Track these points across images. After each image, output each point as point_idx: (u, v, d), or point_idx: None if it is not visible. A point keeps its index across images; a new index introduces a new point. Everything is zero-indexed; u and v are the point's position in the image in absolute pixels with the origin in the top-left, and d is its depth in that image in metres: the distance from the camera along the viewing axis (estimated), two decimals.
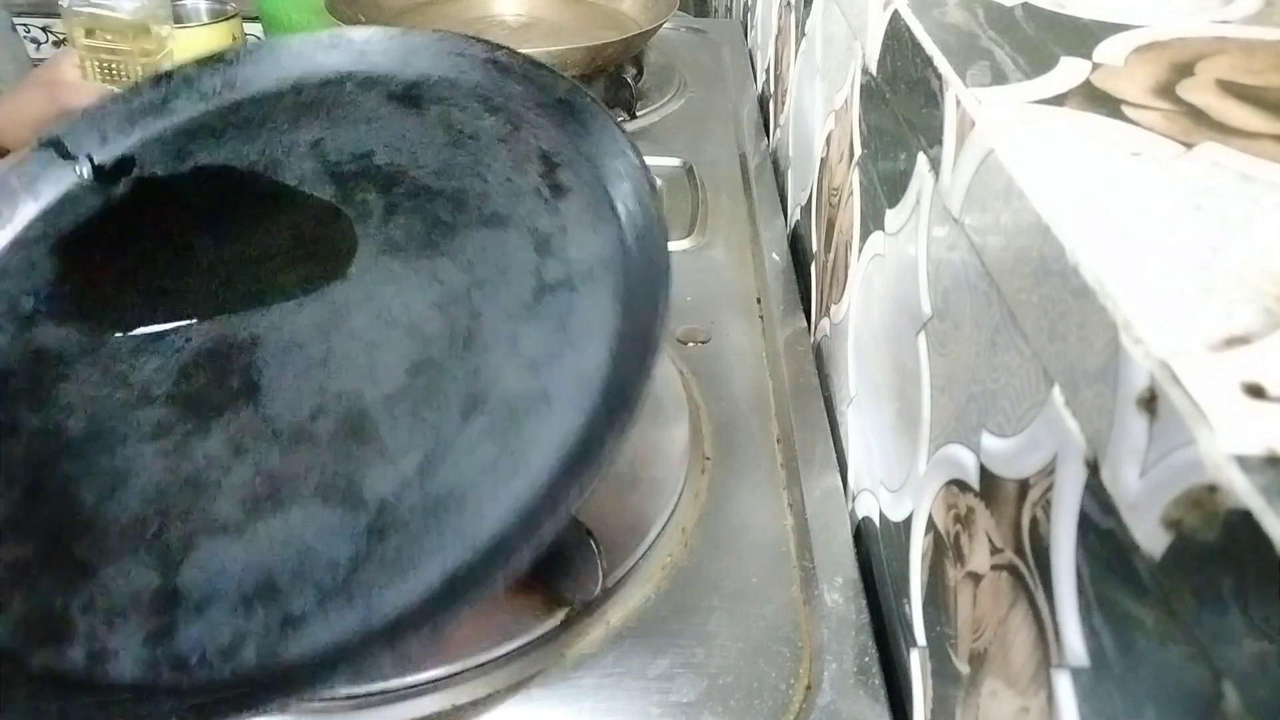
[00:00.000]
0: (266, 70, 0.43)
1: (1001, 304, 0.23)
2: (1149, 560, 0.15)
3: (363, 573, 0.29)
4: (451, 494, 0.30)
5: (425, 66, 0.43)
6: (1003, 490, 0.23)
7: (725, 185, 0.64)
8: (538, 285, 0.36)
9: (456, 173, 0.40)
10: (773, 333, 0.49)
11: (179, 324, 0.38)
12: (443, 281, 0.37)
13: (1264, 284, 0.16)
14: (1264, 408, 0.14)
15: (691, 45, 0.90)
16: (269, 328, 0.38)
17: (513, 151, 0.40)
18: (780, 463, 0.41)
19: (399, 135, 0.42)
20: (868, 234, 0.39)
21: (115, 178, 0.40)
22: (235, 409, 0.35)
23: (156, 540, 0.31)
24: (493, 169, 0.40)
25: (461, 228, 0.39)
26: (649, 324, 0.31)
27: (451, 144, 0.41)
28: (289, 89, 0.43)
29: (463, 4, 0.85)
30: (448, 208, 0.39)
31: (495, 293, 0.36)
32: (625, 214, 0.36)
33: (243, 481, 0.33)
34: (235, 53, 0.43)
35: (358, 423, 0.34)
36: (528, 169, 0.39)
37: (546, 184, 0.38)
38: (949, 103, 0.25)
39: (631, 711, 0.31)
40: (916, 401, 0.31)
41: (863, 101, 0.41)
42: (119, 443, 0.34)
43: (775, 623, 0.34)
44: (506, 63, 0.42)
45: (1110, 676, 0.18)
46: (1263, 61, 0.25)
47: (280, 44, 0.44)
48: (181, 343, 0.37)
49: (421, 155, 0.41)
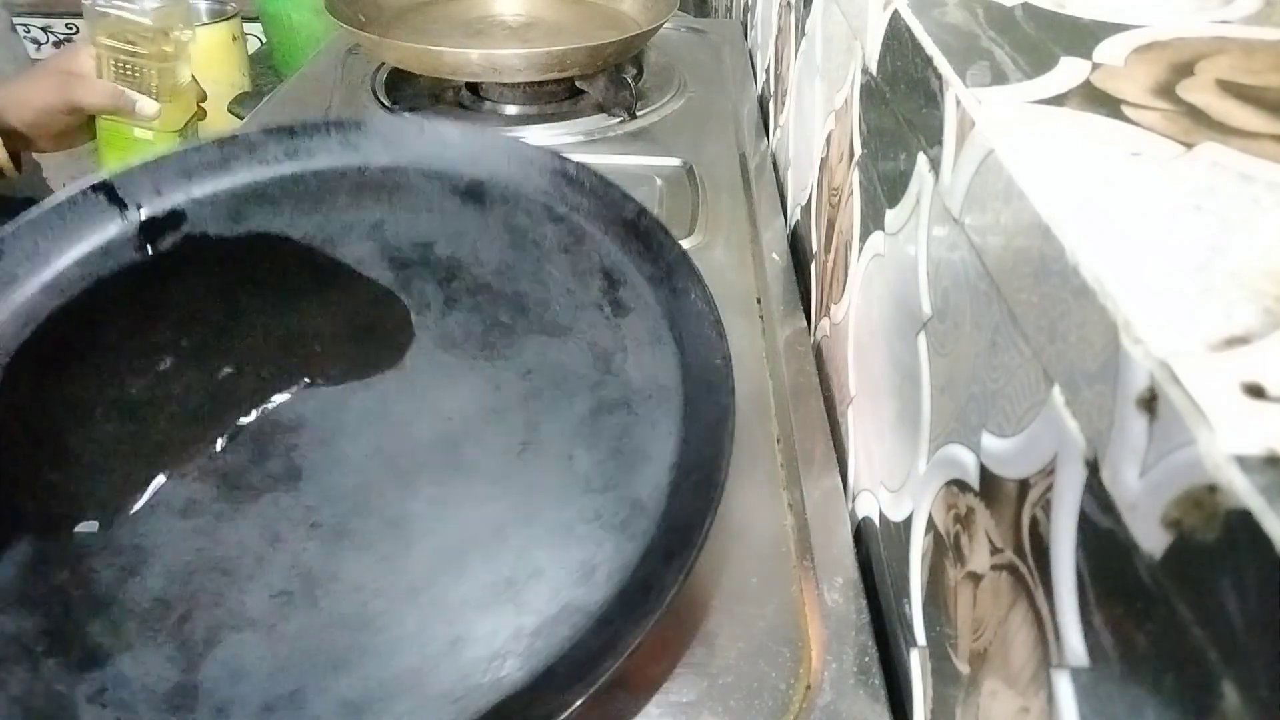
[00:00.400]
0: (332, 146, 0.42)
1: (1001, 304, 0.23)
2: (1149, 560, 0.15)
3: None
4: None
5: (492, 167, 0.41)
6: (1003, 490, 0.23)
7: (725, 185, 0.64)
8: (595, 404, 0.35)
9: (518, 275, 0.39)
10: (773, 333, 0.49)
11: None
12: (499, 387, 0.36)
13: (1264, 284, 0.16)
14: (1264, 408, 0.14)
15: (691, 45, 0.90)
16: (315, 411, 0.36)
17: (575, 263, 0.39)
18: (780, 463, 0.41)
19: (461, 230, 0.41)
20: (868, 234, 0.39)
21: (164, 231, 0.38)
22: (274, 494, 0.33)
23: (180, 629, 0.29)
24: (554, 277, 0.39)
25: (520, 332, 0.38)
26: (712, 458, 0.29)
27: (513, 246, 0.40)
28: (353, 168, 0.41)
29: (463, 4, 0.85)
30: (507, 310, 0.38)
31: (553, 405, 0.35)
32: (689, 343, 0.34)
33: (276, 574, 0.31)
34: (302, 124, 0.42)
35: (401, 527, 0.32)
36: (590, 282, 0.38)
37: (608, 300, 0.37)
38: (949, 103, 0.25)
39: (631, 711, 0.30)
40: (916, 401, 0.31)
41: (863, 101, 0.41)
42: (144, 514, 0.32)
43: (775, 623, 0.34)
44: (575, 175, 0.40)
45: (1110, 676, 0.18)
46: (1263, 61, 0.25)
47: (349, 123, 0.42)
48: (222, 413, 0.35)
49: (483, 253, 0.40)
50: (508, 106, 0.75)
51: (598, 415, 0.35)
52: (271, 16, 1.11)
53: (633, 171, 0.66)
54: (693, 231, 0.58)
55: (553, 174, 0.40)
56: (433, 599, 0.31)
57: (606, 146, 0.70)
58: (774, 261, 0.55)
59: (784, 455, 0.41)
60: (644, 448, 0.32)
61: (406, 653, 0.29)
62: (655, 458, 0.32)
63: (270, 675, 0.28)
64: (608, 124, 0.73)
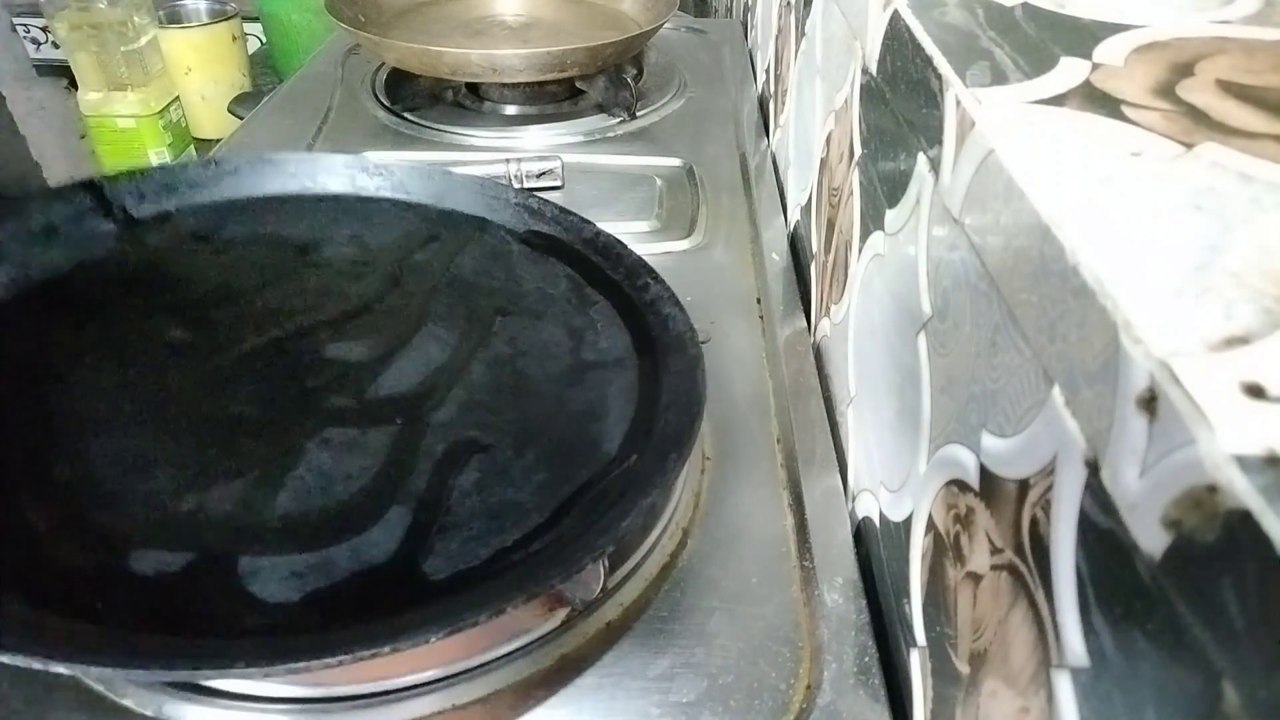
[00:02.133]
0: (307, 176, 0.48)
1: (1001, 304, 0.23)
2: (1149, 560, 0.15)
3: (421, 556, 0.31)
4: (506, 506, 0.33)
5: (459, 203, 0.49)
6: (1003, 490, 0.23)
7: (725, 185, 0.64)
8: (575, 363, 0.40)
9: (494, 275, 0.45)
10: (773, 333, 0.49)
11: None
12: (489, 347, 0.41)
13: (1264, 284, 0.16)
14: (1264, 408, 0.14)
15: (691, 45, 0.90)
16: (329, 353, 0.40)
17: (543, 270, 0.45)
18: (780, 463, 0.41)
19: (435, 244, 0.47)
20: (868, 234, 0.39)
21: (149, 229, 0.44)
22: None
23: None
24: (526, 279, 0.45)
25: (501, 314, 0.43)
26: (690, 389, 0.35)
27: (487, 256, 0.46)
28: (329, 196, 0.48)
29: (463, 4, 0.85)
30: (489, 300, 0.43)
31: (540, 363, 0.40)
32: (654, 318, 0.41)
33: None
34: (286, 158, 0.48)
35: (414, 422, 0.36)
36: (558, 283, 0.44)
37: (575, 296, 0.44)
38: (949, 103, 0.25)
39: (631, 711, 0.31)
40: (916, 401, 0.31)
41: (863, 101, 0.41)
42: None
43: (775, 623, 0.34)
44: (537, 207, 0.48)
45: (1110, 676, 0.18)
46: (1263, 61, 0.25)
47: (324, 158, 0.49)
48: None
49: (458, 261, 0.46)
50: (507, 106, 0.75)
51: (580, 371, 0.40)
52: (271, 16, 1.11)
53: (633, 171, 0.66)
54: (692, 232, 0.58)
55: (515, 206, 0.48)
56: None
57: (606, 146, 0.70)
58: (774, 261, 0.55)
59: (784, 455, 0.41)
60: (628, 390, 0.38)
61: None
62: (644, 396, 0.38)
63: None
64: (608, 124, 0.73)
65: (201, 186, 0.46)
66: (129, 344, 0.39)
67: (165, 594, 0.29)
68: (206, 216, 0.46)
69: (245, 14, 1.09)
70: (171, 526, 0.31)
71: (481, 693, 0.31)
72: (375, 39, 0.70)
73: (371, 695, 0.30)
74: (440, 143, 0.70)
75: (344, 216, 0.47)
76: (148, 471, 0.33)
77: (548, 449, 0.35)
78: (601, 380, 0.39)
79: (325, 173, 0.49)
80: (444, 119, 0.72)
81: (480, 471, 0.34)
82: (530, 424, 0.36)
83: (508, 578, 0.30)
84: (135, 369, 0.37)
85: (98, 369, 0.37)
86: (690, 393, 0.35)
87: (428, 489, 0.33)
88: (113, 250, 0.43)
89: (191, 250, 0.44)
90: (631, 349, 0.41)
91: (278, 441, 0.35)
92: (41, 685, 0.30)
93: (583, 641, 0.33)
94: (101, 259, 0.42)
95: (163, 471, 0.33)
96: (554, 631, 0.32)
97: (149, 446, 0.34)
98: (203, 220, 0.46)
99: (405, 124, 0.72)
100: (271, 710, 0.30)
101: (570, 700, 0.31)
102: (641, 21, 0.81)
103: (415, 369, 0.39)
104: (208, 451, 0.34)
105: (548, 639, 0.32)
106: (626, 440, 0.36)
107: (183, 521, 0.31)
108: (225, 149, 0.69)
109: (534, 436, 0.36)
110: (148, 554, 0.30)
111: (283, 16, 1.10)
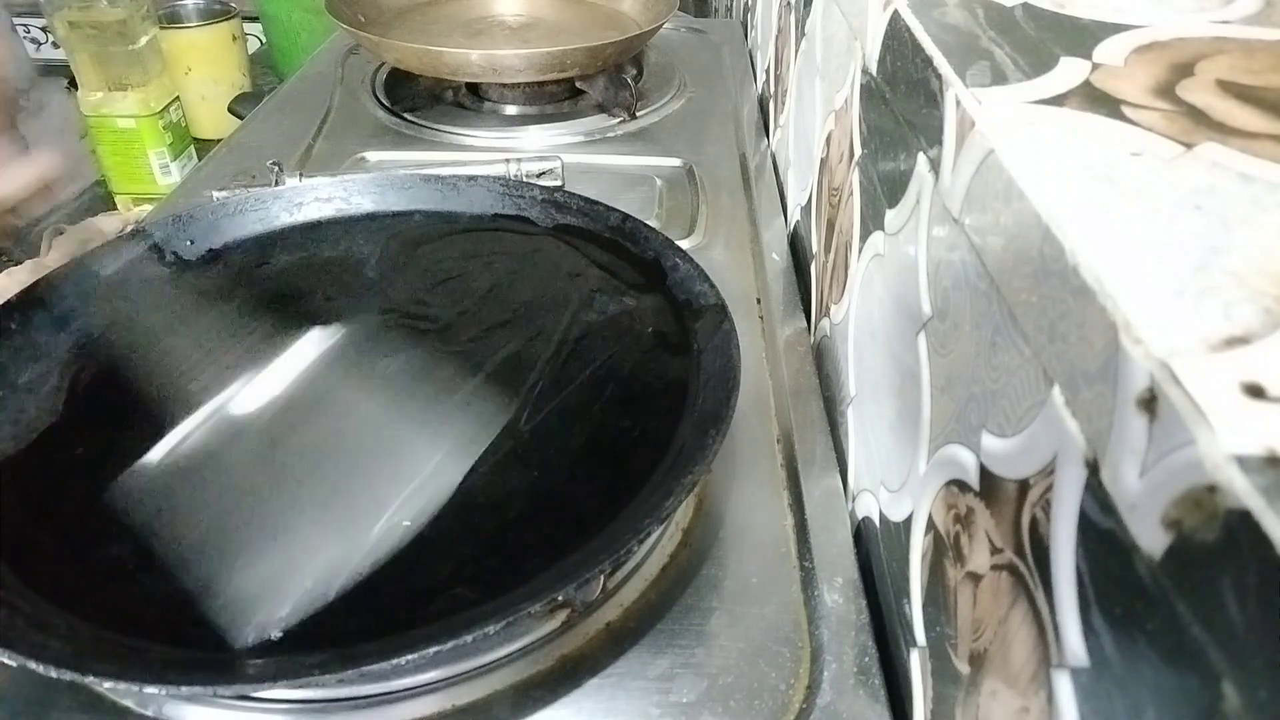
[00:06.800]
0: (341, 198, 0.52)
1: (1001, 304, 0.23)
2: (1149, 560, 0.15)
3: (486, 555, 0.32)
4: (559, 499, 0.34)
5: (489, 206, 0.52)
6: (1003, 490, 0.23)
7: (725, 185, 0.64)
8: (618, 349, 0.42)
9: (524, 275, 0.48)
10: (773, 333, 0.49)
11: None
12: (531, 340, 0.43)
13: (1264, 284, 0.16)
14: (1264, 408, 0.14)
15: (691, 45, 0.90)
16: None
17: (571, 261, 0.48)
18: (780, 463, 0.41)
19: (473, 247, 0.50)
20: (868, 234, 0.39)
21: (200, 268, 0.47)
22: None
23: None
24: (560, 270, 0.47)
25: (555, 309, 0.45)
26: (726, 365, 0.37)
27: (527, 254, 0.49)
28: (363, 215, 0.51)
29: (463, 4, 0.85)
30: (538, 298, 0.46)
31: (586, 351, 0.42)
32: (686, 296, 0.43)
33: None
34: (319, 183, 0.52)
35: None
36: (588, 274, 0.47)
37: (609, 284, 0.46)
38: (949, 103, 0.25)
39: (631, 711, 0.31)
40: (916, 401, 0.31)
41: (863, 101, 0.41)
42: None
43: (775, 623, 0.34)
44: (563, 201, 0.50)
45: (1110, 676, 0.18)
46: (1263, 61, 0.25)
47: (352, 180, 0.52)
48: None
49: (501, 263, 0.49)
50: (508, 107, 0.75)
51: (618, 356, 0.41)
52: (271, 16, 1.11)
53: (633, 172, 0.66)
54: (693, 232, 0.58)
55: (543, 203, 0.51)
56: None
57: (606, 147, 0.70)
58: (774, 261, 0.55)
59: (784, 455, 0.41)
60: (665, 373, 0.40)
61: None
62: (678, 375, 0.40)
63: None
64: (608, 124, 0.73)
65: (244, 220, 0.50)
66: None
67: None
68: (252, 251, 0.49)
69: (245, 14, 1.09)
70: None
71: (481, 693, 0.31)
72: (375, 39, 0.70)
73: (371, 696, 0.30)
74: (440, 143, 0.70)
75: (378, 234, 0.50)
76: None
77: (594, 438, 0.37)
78: (661, 365, 0.41)
79: (359, 194, 0.52)
80: (444, 119, 0.72)
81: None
82: (591, 416, 0.38)
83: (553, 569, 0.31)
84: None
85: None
86: (725, 368, 0.37)
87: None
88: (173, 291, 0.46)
89: (248, 281, 0.47)
90: (671, 327, 0.43)
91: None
92: (42, 685, 0.30)
93: (583, 642, 0.33)
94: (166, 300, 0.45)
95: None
96: (554, 632, 0.32)
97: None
98: (249, 255, 0.49)
99: (405, 124, 0.72)
100: (272, 711, 0.30)
101: (570, 701, 0.31)
102: (641, 21, 0.81)
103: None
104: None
105: (548, 640, 0.32)
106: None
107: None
108: (225, 149, 0.69)
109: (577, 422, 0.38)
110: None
111: (283, 16, 1.10)
